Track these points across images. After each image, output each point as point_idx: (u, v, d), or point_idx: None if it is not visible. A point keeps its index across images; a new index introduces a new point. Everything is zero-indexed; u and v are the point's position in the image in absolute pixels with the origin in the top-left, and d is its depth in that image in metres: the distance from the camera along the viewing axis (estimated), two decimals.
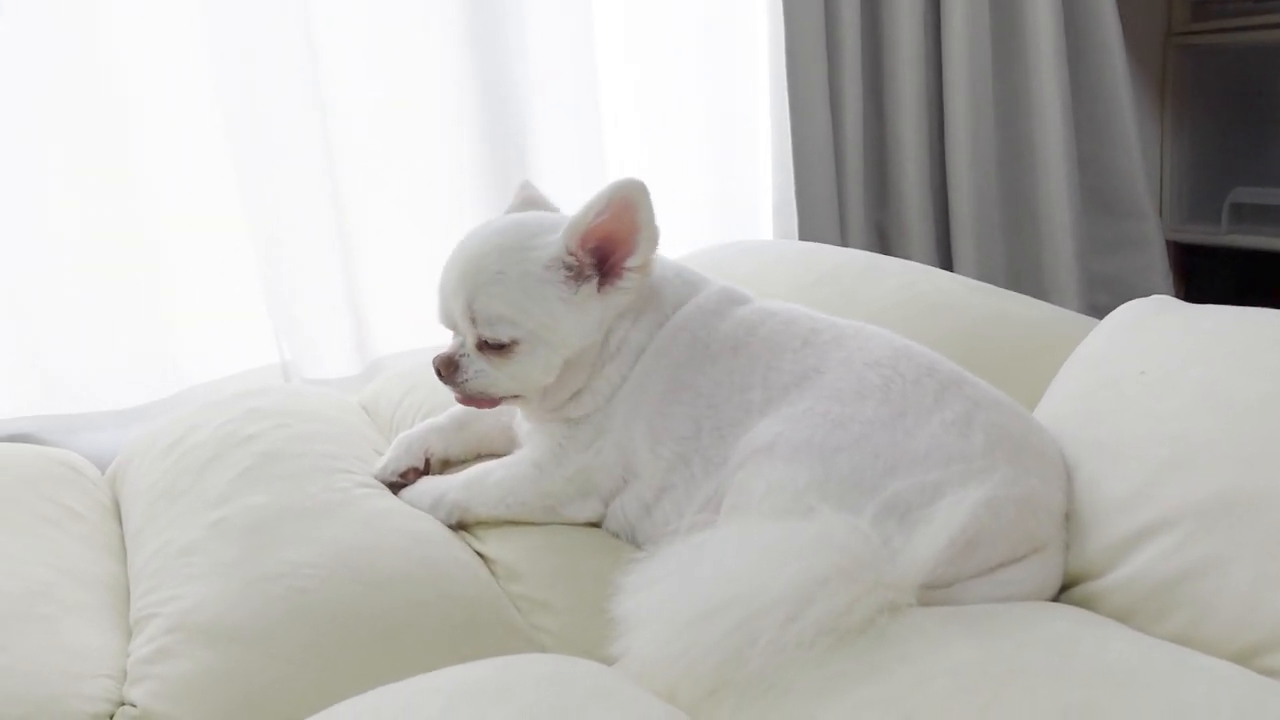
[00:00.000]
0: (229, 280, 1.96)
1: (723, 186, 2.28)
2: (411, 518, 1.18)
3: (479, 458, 1.27)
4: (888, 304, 1.39)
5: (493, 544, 1.17)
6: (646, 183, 1.09)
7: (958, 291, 1.39)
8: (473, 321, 1.10)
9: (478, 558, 1.16)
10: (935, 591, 0.89)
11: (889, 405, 0.98)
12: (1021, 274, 2.38)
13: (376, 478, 1.25)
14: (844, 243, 2.29)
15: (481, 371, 1.11)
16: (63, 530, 1.29)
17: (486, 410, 1.19)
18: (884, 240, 2.38)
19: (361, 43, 1.99)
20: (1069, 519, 0.97)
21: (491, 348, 1.10)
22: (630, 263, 1.11)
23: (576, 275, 1.10)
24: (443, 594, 1.07)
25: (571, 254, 1.09)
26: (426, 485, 1.23)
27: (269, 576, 1.07)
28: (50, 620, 1.09)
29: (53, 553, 1.23)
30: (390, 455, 1.27)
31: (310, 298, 2.00)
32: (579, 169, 2.14)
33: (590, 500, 1.16)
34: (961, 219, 2.29)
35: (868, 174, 2.30)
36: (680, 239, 2.21)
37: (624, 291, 1.12)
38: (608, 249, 1.10)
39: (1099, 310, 2.42)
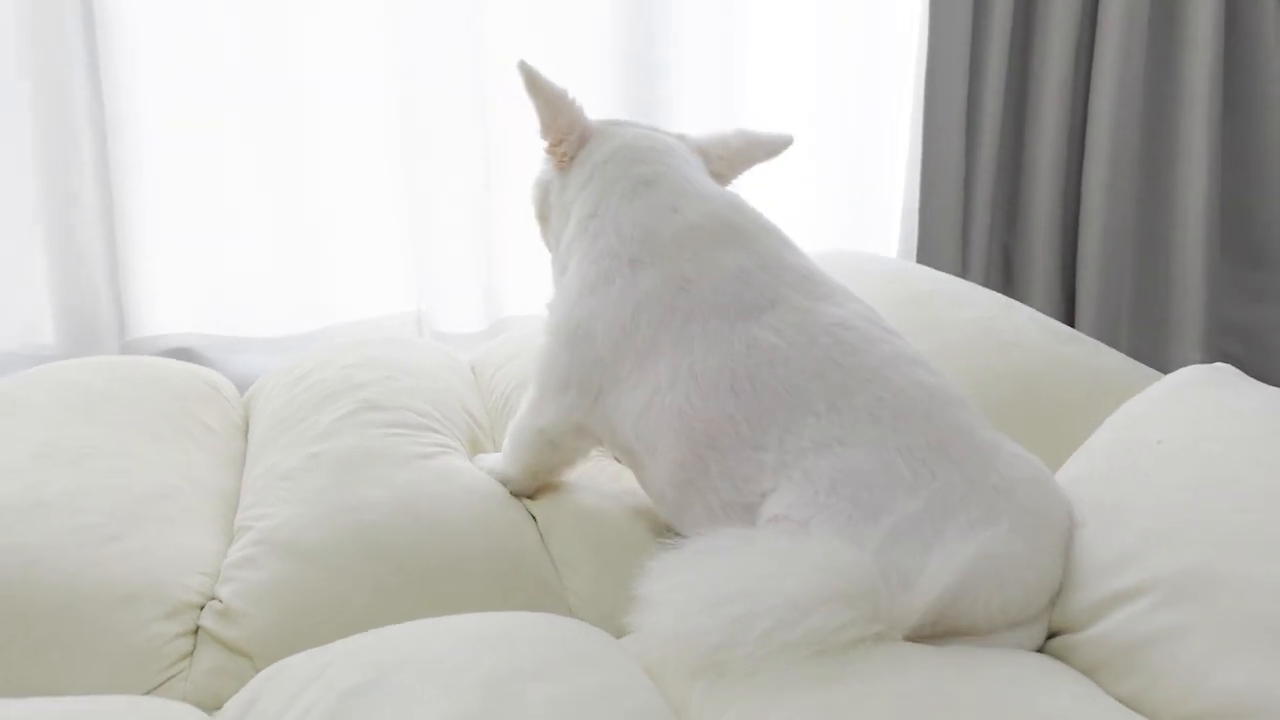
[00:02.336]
0: (379, 230, 2.14)
1: (853, 193, 2.33)
2: (477, 477, 1.31)
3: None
4: (961, 335, 1.44)
5: (545, 508, 1.29)
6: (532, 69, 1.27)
7: (1031, 331, 1.42)
8: None
9: (530, 520, 1.28)
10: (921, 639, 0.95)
11: (918, 498, 0.99)
12: (1146, 314, 2.34)
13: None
14: (964, 261, 2.31)
15: None
16: (196, 442, 1.48)
17: None
18: (1008, 263, 2.38)
19: (523, 13, 2.11)
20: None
21: None
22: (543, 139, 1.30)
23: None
24: (489, 546, 1.20)
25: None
26: (491, 456, 1.36)
27: (344, 508, 1.23)
28: (169, 520, 1.27)
29: (183, 462, 1.41)
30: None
31: (449, 254, 2.16)
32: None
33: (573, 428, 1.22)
34: (1089, 252, 2.27)
35: (997, 195, 2.30)
36: (804, 239, 2.27)
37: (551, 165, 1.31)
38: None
39: (1231, 360, 2.37)
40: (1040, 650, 0.99)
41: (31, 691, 1.03)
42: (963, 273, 2.31)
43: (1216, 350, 2.31)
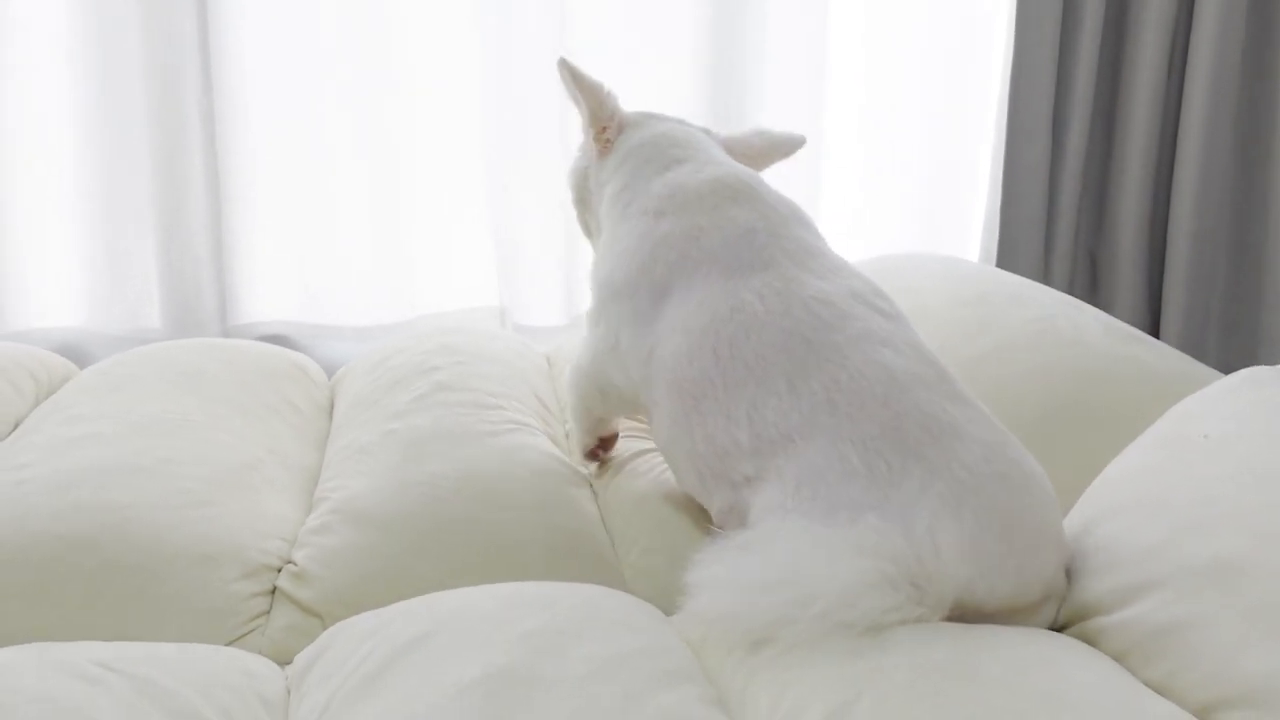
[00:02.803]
0: (467, 226, 2.22)
1: (935, 196, 2.33)
2: (541, 455, 1.37)
3: None
4: (1022, 333, 1.45)
5: (606, 489, 1.35)
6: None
7: (1093, 330, 1.43)
8: None
9: (592, 498, 1.34)
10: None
11: (874, 493, 1.00)
12: (1236, 324, 2.29)
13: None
14: (1047, 267, 2.29)
15: None
16: (283, 420, 1.57)
17: None
18: (1094, 268, 2.35)
19: (610, 20, 2.17)
20: (1094, 557, 1.03)
21: None
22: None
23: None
24: (548, 521, 1.26)
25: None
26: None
27: (414, 482, 1.30)
28: (254, 489, 1.36)
29: (270, 436, 1.50)
30: None
31: (532, 249, 2.23)
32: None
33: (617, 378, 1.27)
34: (1177, 260, 2.23)
35: (1084, 201, 2.28)
36: (885, 241, 2.29)
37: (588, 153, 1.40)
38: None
39: None
40: (1070, 633, 1.00)
41: (122, 638, 1.12)
42: (1045, 279, 2.29)
43: None
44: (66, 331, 2.12)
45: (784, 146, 1.42)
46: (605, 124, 1.38)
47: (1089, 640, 0.97)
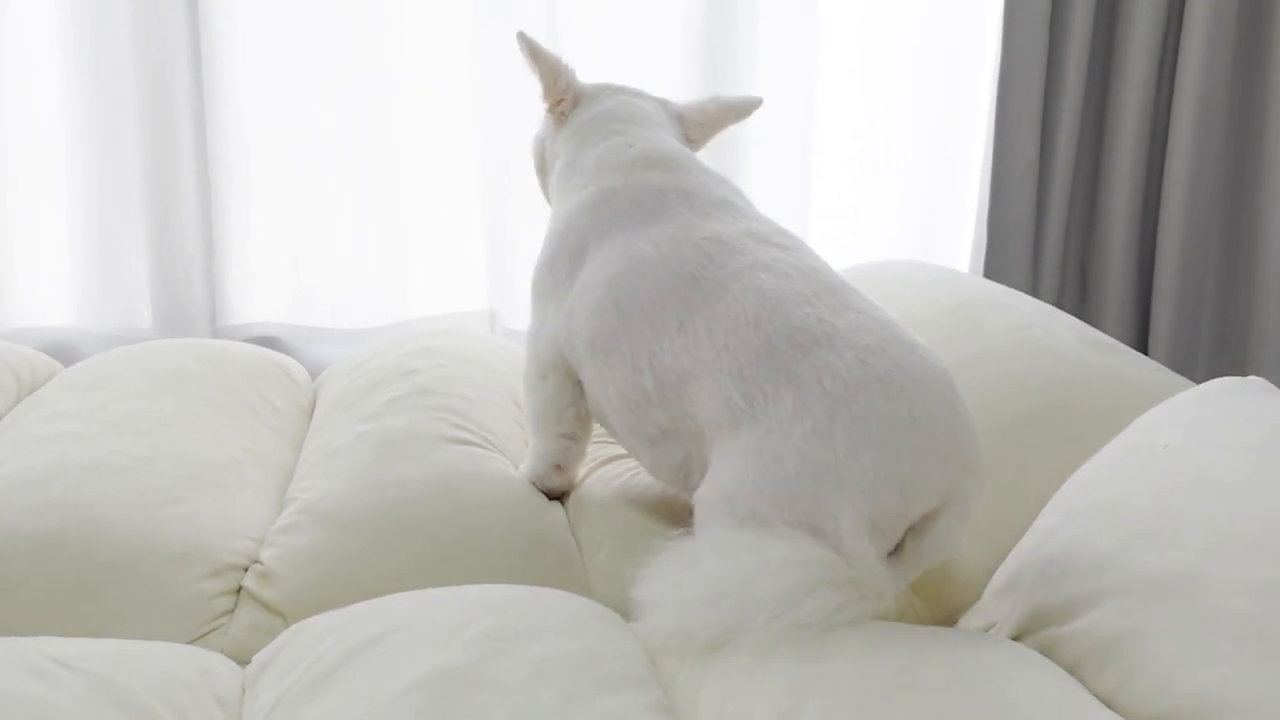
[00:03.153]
0: (458, 230, 2.23)
1: (926, 208, 2.32)
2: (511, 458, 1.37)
3: None
4: (1000, 340, 1.44)
5: (574, 496, 1.35)
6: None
7: (1067, 339, 1.42)
8: None
9: (559, 503, 1.34)
10: None
11: (758, 427, 1.02)
12: (1225, 336, 2.28)
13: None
14: (1036, 275, 2.28)
15: None
16: (262, 420, 1.58)
17: None
18: (1084, 281, 2.34)
19: (603, 25, 2.17)
20: (1051, 565, 1.02)
21: None
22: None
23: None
24: (514, 524, 1.27)
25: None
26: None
27: (383, 484, 1.30)
28: (228, 489, 1.36)
29: (249, 437, 1.51)
30: None
31: (522, 254, 2.23)
32: (785, 159, 2.25)
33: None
34: (1167, 271, 2.22)
35: (1073, 209, 2.27)
36: (878, 248, 2.29)
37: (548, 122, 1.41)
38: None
39: None
40: (1027, 642, 1.00)
41: (87, 633, 1.12)
42: (1034, 287, 2.28)
43: None
44: (57, 331, 2.14)
45: (738, 109, 1.43)
46: (560, 96, 1.40)
47: (1045, 650, 0.96)
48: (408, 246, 2.22)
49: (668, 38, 2.19)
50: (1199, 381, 2.24)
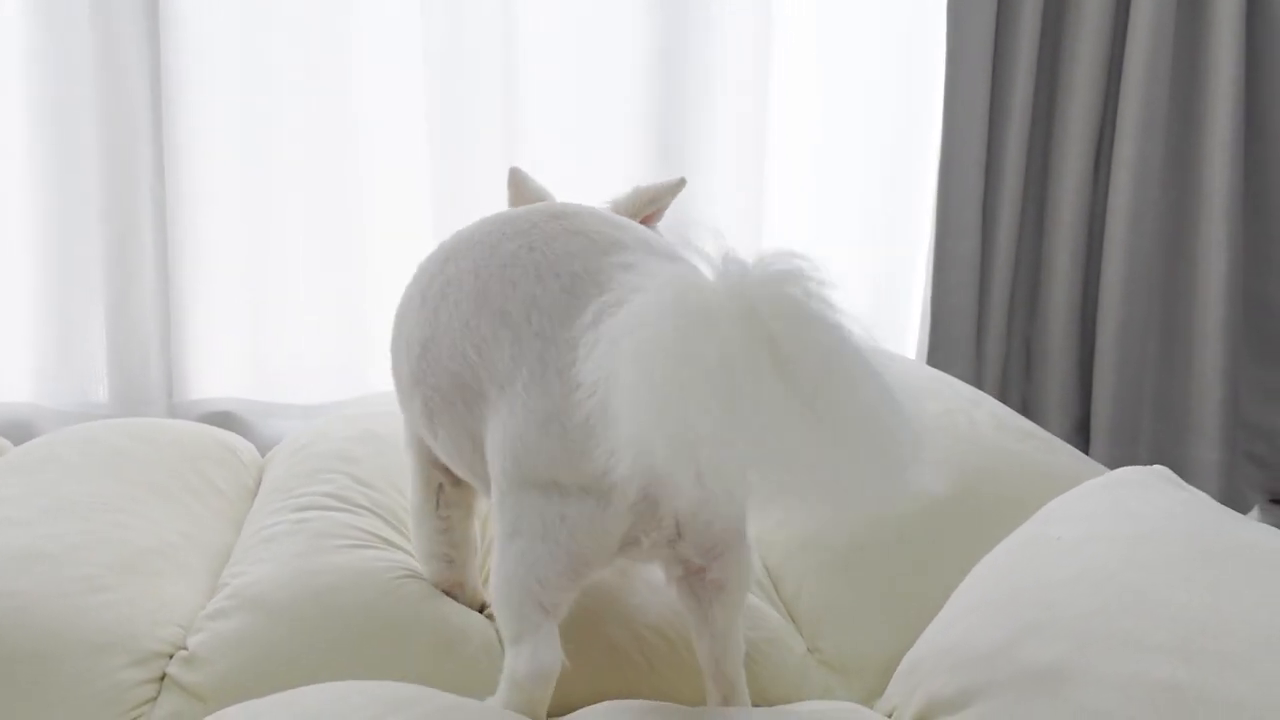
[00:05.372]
0: None
1: (872, 291, 2.37)
2: None
3: None
4: (926, 427, 1.47)
5: None
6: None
7: (986, 427, 1.46)
8: None
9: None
10: None
11: (516, 382, 1.02)
12: (1166, 411, 2.32)
13: None
14: (980, 356, 2.33)
15: None
16: (203, 503, 1.60)
17: None
18: (1029, 354, 2.39)
19: (554, 73, 2.22)
20: (947, 655, 1.04)
21: None
22: None
23: None
24: (440, 617, 1.28)
25: None
26: None
27: (315, 571, 1.32)
28: (160, 575, 1.37)
29: (187, 520, 1.53)
30: None
31: None
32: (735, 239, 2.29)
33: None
34: (1106, 347, 2.27)
35: (1015, 291, 2.33)
36: None
37: None
38: None
39: (1255, 461, 2.33)
40: None
41: None
42: (978, 367, 2.33)
43: (1239, 449, 2.28)
44: (13, 407, 2.16)
45: (669, 189, 1.41)
46: None
47: None
48: (366, 321, 2.25)
49: (618, 88, 2.24)
50: (1142, 453, 2.30)
